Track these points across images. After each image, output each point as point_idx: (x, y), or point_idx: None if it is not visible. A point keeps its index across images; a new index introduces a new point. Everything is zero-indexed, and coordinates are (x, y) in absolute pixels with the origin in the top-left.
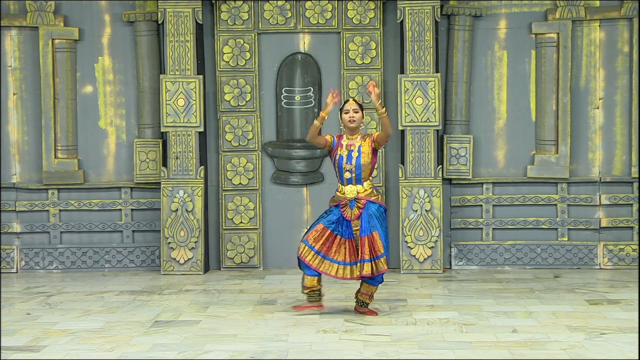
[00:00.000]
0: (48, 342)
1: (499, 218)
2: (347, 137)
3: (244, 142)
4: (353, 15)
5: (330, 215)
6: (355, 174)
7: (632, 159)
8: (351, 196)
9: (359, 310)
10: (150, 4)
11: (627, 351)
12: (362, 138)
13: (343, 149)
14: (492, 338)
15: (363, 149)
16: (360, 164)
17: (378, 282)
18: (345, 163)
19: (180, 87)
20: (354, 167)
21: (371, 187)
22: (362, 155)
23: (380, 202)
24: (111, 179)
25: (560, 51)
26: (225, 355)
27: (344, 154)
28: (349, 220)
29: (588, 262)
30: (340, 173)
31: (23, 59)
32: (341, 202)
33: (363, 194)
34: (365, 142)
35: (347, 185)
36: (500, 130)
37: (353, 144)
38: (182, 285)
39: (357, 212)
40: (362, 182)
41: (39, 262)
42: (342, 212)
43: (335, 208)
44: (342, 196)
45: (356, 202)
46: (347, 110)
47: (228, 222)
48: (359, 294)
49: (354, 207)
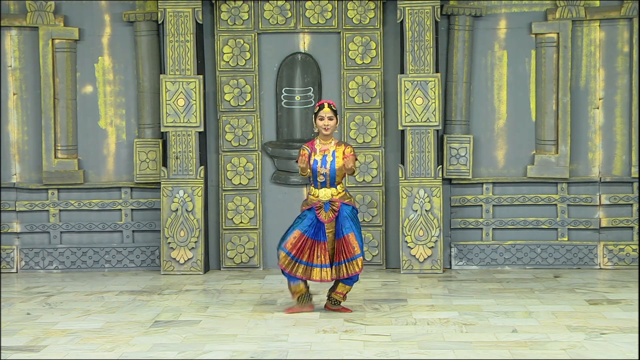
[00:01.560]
0: (48, 342)
1: (499, 218)
2: (321, 141)
3: (244, 142)
4: (353, 15)
5: (305, 220)
6: (330, 178)
7: (632, 159)
8: (325, 199)
9: (331, 307)
10: (150, 4)
11: (627, 351)
12: (336, 144)
13: (317, 153)
14: (492, 338)
15: (337, 154)
16: (334, 168)
17: (354, 281)
18: (319, 167)
19: (180, 87)
20: (329, 171)
21: (344, 189)
22: (337, 160)
23: (353, 204)
24: (111, 179)
25: (560, 51)
26: (225, 355)
27: (319, 158)
28: (324, 222)
29: (588, 262)
30: (314, 176)
31: (23, 59)
32: (315, 205)
33: (337, 197)
34: (340, 150)
35: (321, 189)
36: (500, 130)
37: (327, 148)
38: (182, 285)
39: (331, 215)
40: (336, 186)
41: (39, 262)
42: (317, 214)
43: (308, 212)
44: (315, 199)
45: (330, 204)
46: (321, 117)
47: (228, 222)
48: (333, 293)
49: (329, 209)
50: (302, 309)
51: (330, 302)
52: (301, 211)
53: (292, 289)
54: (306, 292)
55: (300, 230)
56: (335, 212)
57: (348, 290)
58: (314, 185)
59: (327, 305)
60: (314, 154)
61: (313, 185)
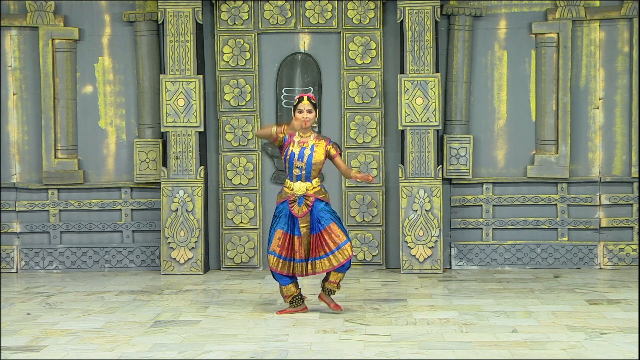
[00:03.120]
0: (48, 342)
1: (499, 218)
2: (300, 134)
3: (244, 142)
4: (353, 15)
5: (282, 218)
6: (305, 172)
7: (632, 159)
8: (300, 193)
9: (324, 299)
10: (150, 4)
11: (627, 351)
12: (316, 137)
13: (295, 145)
14: (492, 338)
15: (317, 148)
16: (311, 162)
17: (346, 268)
18: (296, 160)
19: (180, 87)
20: (305, 165)
21: (319, 184)
22: (315, 155)
23: (327, 200)
24: (111, 179)
25: (560, 51)
26: (225, 355)
27: (296, 150)
28: (297, 217)
29: (588, 262)
30: (289, 169)
31: (23, 59)
32: (289, 199)
33: (312, 192)
34: (320, 144)
35: (296, 182)
36: (500, 130)
37: (306, 141)
38: (182, 285)
39: (305, 209)
40: (311, 180)
41: (39, 262)
42: (290, 208)
43: (281, 205)
44: (290, 192)
45: (304, 199)
46: (300, 110)
47: (228, 222)
48: (326, 283)
49: (302, 204)
50: (295, 311)
51: (324, 293)
52: (276, 204)
53: (284, 292)
54: (298, 294)
55: (281, 230)
56: (309, 207)
57: (341, 278)
58: (289, 178)
59: (321, 296)
60: (292, 145)
61: (288, 177)
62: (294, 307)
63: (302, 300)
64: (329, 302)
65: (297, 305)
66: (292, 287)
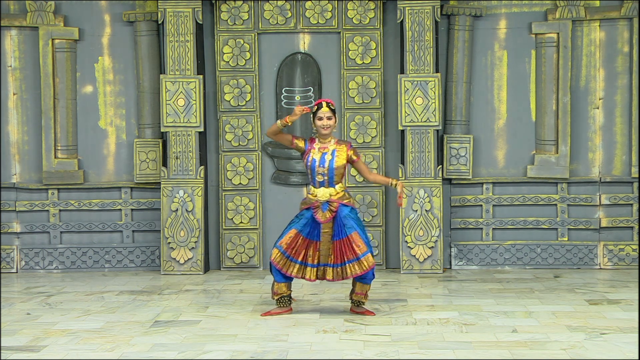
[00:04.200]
0: (48, 342)
1: (499, 218)
2: (320, 140)
3: (244, 142)
4: (353, 15)
5: (302, 219)
6: (328, 177)
7: (632, 159)
8: (324, 199)
9: (356, 310)
10: (150, 4)
11: (627, 351)
12: (336, 143)
13: (316, 152)
14: (492, 338)
15: (338, 153)
16: (333, 167)
17: (370, 279)
18: (318, 166)
19: (180, 87)
20: (327, 170)
21: (343, 189)
22: (336, 160)
23: (352, 204)
24: (111, 179)
25: (560, 51)
26: (225, 355)
27: (317, 157)
28: (321, 222)
29: (588, 262)
30: (312, 176)
31: (23, 59)
32: (313, 205)
33: (335, 197)
34: (341, 149)
35: (320, 188)
36: (500, 130)
37: (327, 147)
38: (182, 285)
39: (329, 215)
40: (335, 185)
41: (39, 262)
42: (314, 213)
43: (306, 211)
44: (314, 199)
45: (329, 204)
46: (320, 117)
47: (228, 222)
48: (353, 295)
49: (327, 209)
50: (280, 312)
51: (353, 305)
52: (300, 210)
53: (274, 288)
54: (287, 295)
55: (296, 229)
56: (333, 213)
57: (367, 289)
58: (312, 185)
59: (352, 309)
60: (312, 151)
61: (312, 184)
62: (280, 307)
63: (289, 301)
64: (361, 311)
65: (284, 305)
66: (284, 286)
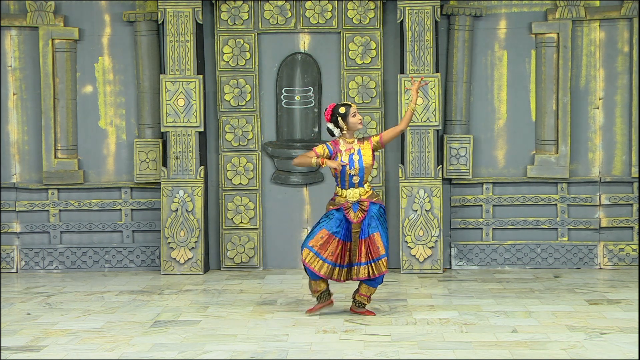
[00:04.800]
0: (48, 342)
1: (499, 218)
2: (346, 141)
3: (244, 142)
4: (353, 15)
5: (333, 220)
6: (359, 177)
7: (632, 159)
8: (354, 200)
9: (356, 310)
10: (150, 4)
11: (627, 351)
12: (359, 141)
13: (343, 154)
14: (492, 338)
15: (364, 151)
16: (363, 166)
17: (378, 283)
18: (349, 168)
19: (180, 87)
20: (358, 170)
21: (371, 188)
22: (364, 158)
23: (381, 202)
24: (111, 179)
25: (560, 51)
26: (225, 355)
27: (345, 159)
28: (353, 223)
29: (588, 262)
30: (342, 177)
31: (23, 59)
32: (343, 206)
33: (365, 196)
34: (365, 145)
35: (349, 189)
36: (500, 130)
37: (352, 147)
38: (182, 285)
39: (361, 215)
40: (364, 185)
41: (39, 262)
42: (346, 214)
43: (336, 212)
44: (343, 200)
45: (359, 204)
46: (354, 113)
47: (228, 222)
48: (357, 295)
49: (358, 209)
50: (323, 306)
51: (355, 305)
52: (327, 210)
53: (313, 287)
54: (326, 289)
55: (327, 230)
56: (365, 212)
57: (372, 292)
58: (340, 186)
59: (352, 308)
60: (339, 155)
61: (340, 186)
62: (322, 302)
63: (329, 295)
64: (361, 311)
65: (325, 299)
66: (322, 282)
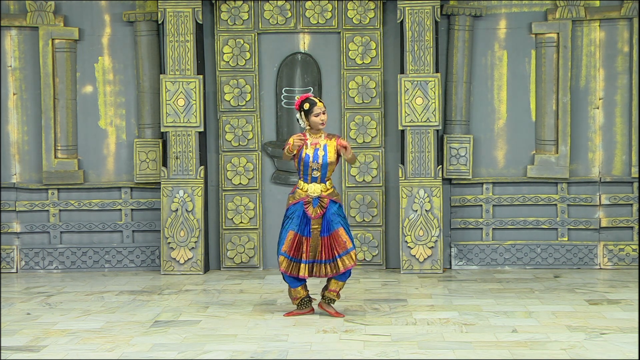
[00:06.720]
0: (48, 342)
1: (499, 218)
2: (311, 135)
3: (244, 142)
4: (353, 15)
5: (295, 219)
6: (321, 173)
7: (632, 159)
8: (314, 195)
9: (325, 308)
10: (150, 4)
11: (627, 351)
12: (327, 137)
13: (308, 147)
14: (492, 338)
15: (329, 148)
16: (326, 162)
17: (347, 277)
18: (311, 161)
19: (180, 87)
20: (321, 166)
21: (332, 186)
22: (329, 155)
23: (340, 201)
24: (111, 179)
25: (560, 51)
26: (225, 355)
27: (310, 152)
28: (312, 218)
29: (588, 262)
30: (305, 171)
31: (23, 59)
32: (303, 200)
33: (326, 193)
34: (331, 143)
35: (311, 184)
36: (500, 130)
37: (318, 142)
38: (182, 285)
39: (319, 211)
40: (325, 181)
41: (39, 262)
42: (305, 209)
43: (293, 207)
44: (304, 194)
45: (319, 200)
46: (317, 114)
47: (228, 222)
48: (326, 291)
49: (317, 205)
50: (301, 313)
51: (324, 301)
52: (287, 205)
53: (293, 295)
54: (306, 296)
55: (293, 230)
56: (324, 209)
57: (341, 287)
58: (303, 180)
59: (321, 305)
60: (305, 147)
61: (302, 179)
62: (301, 309)
63: (309, 302)
64: (330, 310)
65: (305, 307)
66: (301, 289)
